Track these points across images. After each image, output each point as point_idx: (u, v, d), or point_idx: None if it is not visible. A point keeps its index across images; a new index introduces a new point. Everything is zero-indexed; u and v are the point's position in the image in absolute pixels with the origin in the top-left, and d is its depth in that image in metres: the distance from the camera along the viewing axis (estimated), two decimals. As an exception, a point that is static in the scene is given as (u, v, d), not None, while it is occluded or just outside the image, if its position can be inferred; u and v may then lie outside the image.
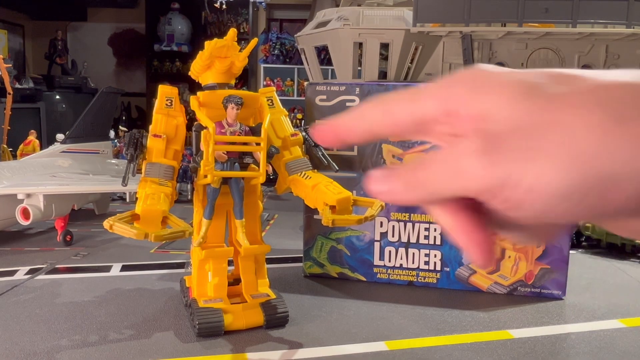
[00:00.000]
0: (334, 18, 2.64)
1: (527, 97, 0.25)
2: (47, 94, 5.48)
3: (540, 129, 0.24)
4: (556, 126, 0.24)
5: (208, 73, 1.48)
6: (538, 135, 0.24)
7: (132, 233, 1.20)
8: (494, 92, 0.26)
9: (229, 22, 6.52)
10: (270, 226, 2.73)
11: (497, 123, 0.25)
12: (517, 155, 0.24)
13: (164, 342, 1.38)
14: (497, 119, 0.25)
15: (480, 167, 0.25)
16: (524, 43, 2.57)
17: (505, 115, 0.25)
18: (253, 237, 1.53)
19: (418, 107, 0.28)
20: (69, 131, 2.89)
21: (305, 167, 1.51)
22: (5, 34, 5.67)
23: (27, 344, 1.35)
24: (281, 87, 5.38)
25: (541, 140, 0.24)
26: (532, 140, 0.24)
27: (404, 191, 0.28)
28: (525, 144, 0.24)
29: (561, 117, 0.24)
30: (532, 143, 0.24)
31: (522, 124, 0.24)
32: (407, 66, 2.62)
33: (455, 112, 0.27)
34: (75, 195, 2.33)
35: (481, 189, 0.25)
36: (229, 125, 1.44)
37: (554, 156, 0.23)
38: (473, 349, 1.39)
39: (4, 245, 2.27)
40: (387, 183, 0.28)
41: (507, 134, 0.24)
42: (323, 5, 3.76)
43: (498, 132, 0.25)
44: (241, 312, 1.45)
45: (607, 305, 1.71)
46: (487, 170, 0.25)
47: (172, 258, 2.13)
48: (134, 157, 1.44)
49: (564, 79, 0.26)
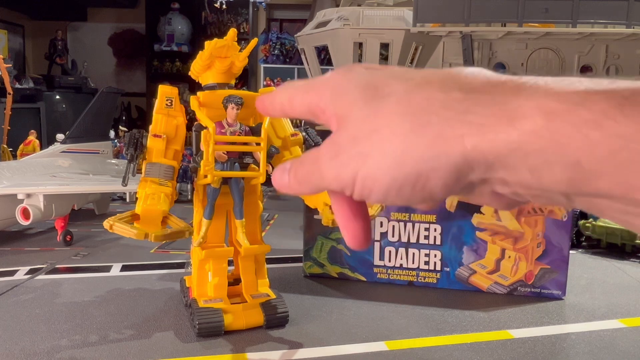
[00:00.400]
0: (334, 18, 2.64)
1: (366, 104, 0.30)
2: (47, 94, 5.48)
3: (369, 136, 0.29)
4: (377, 133, 0.29)
5: (208, 73, 1.48)
6: (367, 142, 0.29)
7: (132, 233, 1.21)
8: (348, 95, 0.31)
9: (229, 22, 6.52)
10: (270, 226, 2.73)
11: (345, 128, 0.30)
12: (355, 160, 0.29)
13: (164, 342, 1.38)
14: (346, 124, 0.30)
15: (332, 169, 0.31)
16: (524, 43, 2.58)
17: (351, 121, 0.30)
18: (253, 237, 1.53)
19: (307, 99, 0.34)
20: (69, 131, 2.89)
21: (305, 167, 1.51)
22: (5, 34, 5.67)
23: (27, 344, 1.35)
24: (281, 87, 5.37)
25: (368, 146, 0.29)
26: (363, 146, 0.29)
27: (297, 186, 0.33)
28: (359, 150, 0.29)
29: (381, 124, 0.29)
30: (364, 149, 0.29)
31: (358, 132, 0.30)
32: (407, 66, 2.62)
33: (323, 110, 0.33)
34: (75, 195, 2.33)
35: (339, 186, 0.31)
36: (229, 125, 1.44)
37: (377, 159, 0.29)
38: (473, 349, 1.39)
39: (4, 245, 2.27)
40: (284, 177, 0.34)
41: (347, 142, 0.30)
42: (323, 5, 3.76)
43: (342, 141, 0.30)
44: (241, 312, 1.45)
45: (607, 305, 1.71)
46: (337, 172, 0.30)
47: (172, 258, 2.13)
48: (134, 157, 1.45)
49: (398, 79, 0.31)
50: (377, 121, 0.29)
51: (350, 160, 0.30)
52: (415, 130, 0.28)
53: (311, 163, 0.32)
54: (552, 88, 0.27)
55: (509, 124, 0.26)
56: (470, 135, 0.27)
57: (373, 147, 0.29)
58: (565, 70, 2.55)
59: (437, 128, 0.27)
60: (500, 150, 0.26)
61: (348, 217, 0.34)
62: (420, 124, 0.28)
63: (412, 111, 0.28)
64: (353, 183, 0.30)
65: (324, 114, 0.33)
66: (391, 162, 0.28)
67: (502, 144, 0.26)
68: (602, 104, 0.25)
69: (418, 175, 0.28)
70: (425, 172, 0.28)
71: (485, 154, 0.27)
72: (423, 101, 0.28)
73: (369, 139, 0.29)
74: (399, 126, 0.28)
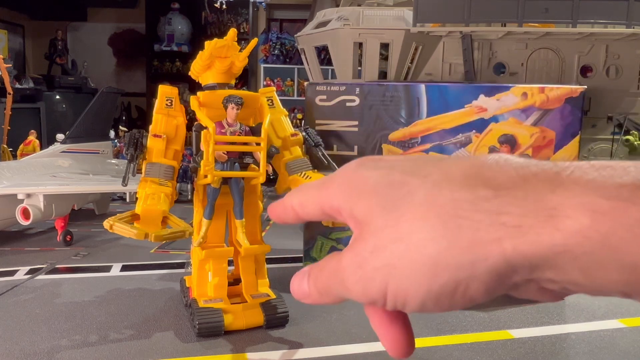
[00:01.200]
0: (334, 18, 2.64)
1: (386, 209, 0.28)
2: (47, 94, 5.48)
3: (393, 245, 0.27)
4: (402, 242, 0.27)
5: (208, 73, 1.48)
6: (393, 252, 0.27)
7: (132, 233, 1.20)
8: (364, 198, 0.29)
9: (229, 22, 6.52)
10: (270, 226, 2.73)
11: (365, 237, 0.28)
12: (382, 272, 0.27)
13: (164, 342, 1.38)
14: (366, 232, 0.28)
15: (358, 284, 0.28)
16: (524, 43, 2.57)
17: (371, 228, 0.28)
18: (253, 237, 1.53)
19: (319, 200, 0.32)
20: (69, 131, 2.89)
21: (305, 167, 1.51)
22: (5, 34, 5.67)
23: (27, 344, 1.35)
24: (281, 87, 5.37)
25: (394, 257, 0.27)
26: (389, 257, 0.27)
27: (319, 296, 0.31)
28: (385, 261, 0.27)
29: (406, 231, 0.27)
30: (390, 260, 0.27)
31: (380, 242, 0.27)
32: (407, 66, 2.62)
33: (338, 210, 0.31)
34: (76, 195, 2.33)
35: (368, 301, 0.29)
36: (229, 125, 1.44)
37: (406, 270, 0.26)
38: (473, 349, 1.39)
39: (4, 245, 2.27)
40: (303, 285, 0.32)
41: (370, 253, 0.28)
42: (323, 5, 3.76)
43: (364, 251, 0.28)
44: (241, 312, 1.45)
45: (607, 305, 1.71)
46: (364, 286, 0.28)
47: (172, 258, 2.13)
48: (134, 157, 1.44)
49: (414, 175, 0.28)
50: (400, 228, 0.27)
51: (376, 274, 0.27)
52: (446, 236, 0.26)
53: (333, 274, 0.30)
54: (593, 180, 0.24)
55: (550, 224, 0.24)
56: (508, 238, 0.25)
57: (400, 257, 0.27)
58: (565, 70, 2.55)
59: (470, 233, 0.25)
60: (545, 253, 0.24)
61: (384, 322, 0.31)
62: (450, 229, 0.26)
63: (438, 215, 0.26)
64: (384, 297, 0.28)
65: (340, 214, 0.31)
66: (424, 273, 0.26)
67: (545, 246, 0.24)
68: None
69: (456, 284, 0.26)
70: (464, 280, 0.26)
71: (528, 257, 0.25)
72: (449, 203, 0.26)
73: (394, 248, 0.27)
74: (426, 233, 0.26)
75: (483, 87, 1.77)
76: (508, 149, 1.76)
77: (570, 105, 1.72)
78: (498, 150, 1.77)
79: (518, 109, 1.74)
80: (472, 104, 1.75)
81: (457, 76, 2.62)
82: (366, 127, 1.82)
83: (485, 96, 1.74)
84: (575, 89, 1.72)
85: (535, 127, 1.74)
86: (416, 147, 1.80)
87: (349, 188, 0.30)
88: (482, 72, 2.60)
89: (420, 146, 1.80)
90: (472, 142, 1.77)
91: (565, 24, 2.47)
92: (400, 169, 0.29)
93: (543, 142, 1.75)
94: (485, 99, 1.74)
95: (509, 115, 1.74)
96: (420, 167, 0.29)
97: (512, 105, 1.73)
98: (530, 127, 1.74)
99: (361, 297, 0.29)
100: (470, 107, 1.75)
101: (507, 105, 1.74)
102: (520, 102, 1.73)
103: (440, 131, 1.78)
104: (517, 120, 1.74)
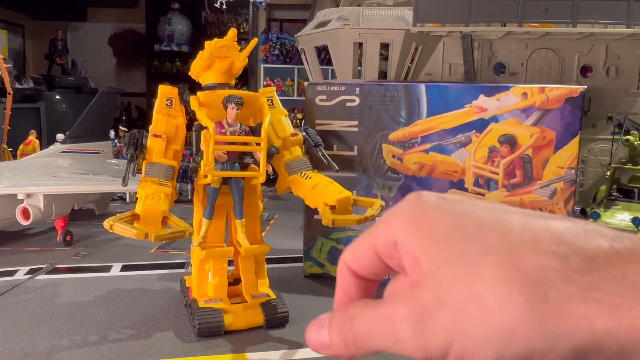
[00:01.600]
0: (334, 18, 2.64)
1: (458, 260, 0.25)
2: (47, 94, 5.47)
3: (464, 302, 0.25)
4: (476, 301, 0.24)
5: (208, 73, 1.48)
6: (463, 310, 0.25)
7: (132, 233, 1.20)
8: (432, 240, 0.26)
9: (229, 22, 6.52)
10: (270, 226, 2.73)
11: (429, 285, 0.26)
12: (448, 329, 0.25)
13: (164, 342, 1.38)
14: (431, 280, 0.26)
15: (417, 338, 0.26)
16: (524, 43, 2.57)
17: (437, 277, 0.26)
18: (253, 237, 1.53)
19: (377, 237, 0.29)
20: (69, 131, 2.89)
21: (305, 167, 1.51)
22: (5, 34, 5.67)
23: (27, 344, 1.35)
24: (281, 87, 5.37)
25: (465, 316, 0.25)
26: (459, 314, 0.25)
27: (344, 349, 0.28)
28: (452, 317, 0.25)
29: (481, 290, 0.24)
30: (460, 317, 0.25)
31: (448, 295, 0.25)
32: (407, 66, 2.62)
33: (395, 244, 0.28)
34: (76, 195, 2.33)
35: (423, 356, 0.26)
36: (229, 125, 1.44)
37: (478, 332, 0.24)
38: (473, 349, 1.39)
39: (4, 245, 2.27)
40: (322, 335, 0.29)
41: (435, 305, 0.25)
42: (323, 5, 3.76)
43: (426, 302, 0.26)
44: (241, 312, 1.45)
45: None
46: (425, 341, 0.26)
47: (172, 258, 2.13)
48: (134, 157, 1.44)
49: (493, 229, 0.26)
50: (476, 287, 0.25)
51: (442, 330, 0.25)
52: (530, 303, 0.24)
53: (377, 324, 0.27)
54: None
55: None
56: (601, 317, 0.23)
57: (473, 317, 0.24)
58: (565, 70, 2.55)
59: (557, 305, 0.23)
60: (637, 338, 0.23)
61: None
62: (535, 297, 0.24)
63: (522, 280, 0.24)
64: (444, 356, 0.25)
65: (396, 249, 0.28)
66: (498, 339, 0.24)
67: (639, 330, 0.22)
68: None
69: (531, 354, 0.24)
70: (541, 352, 0.24)
71: (620, 340, 0.23)
72: (536, 270, 0.24)
73: (467, 307, 0.25)
74: (506, 296, 0.24)
75: (483, 87, 1.77)
76: (508, 149, 1.76)
77: (570, 105, 1.72)
78: (498, 151, 1.77)
79: (518, 109, 1.74)
80: (472, 104, 1.75)
81: (457, 76, 2.62)
82: (366, 127, 1.82)
83: (485, 96, 1.74)
84: (575, 89, 1.72)
85: (535, 127, 1.74)
86: (416, 147, 1.80)
87: (416, 228, 0.27)
88: (482, 72, 2.60)
89: (420, 146, 1.80)
90: (472, 142, 1.77)
91: (565, 24, 2.47)
92: (475, 217, 0.27)
93: (543, 142, 1.75)
94: (485, 99, 1.74)
95: (509, 115, 1.74)
96: (498, 219, 0.26)
97: (512, 105, 1.73)
98: (530, 127, 1.74)
99: (417, 352, 0.26)
100: (470, 107, 1.75)
101: (507, 105, 1.74)
102: (520, 102, 1.73)
103: (440, 131, 1.78)
104: (517, 120, 1.74)
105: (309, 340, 0.30)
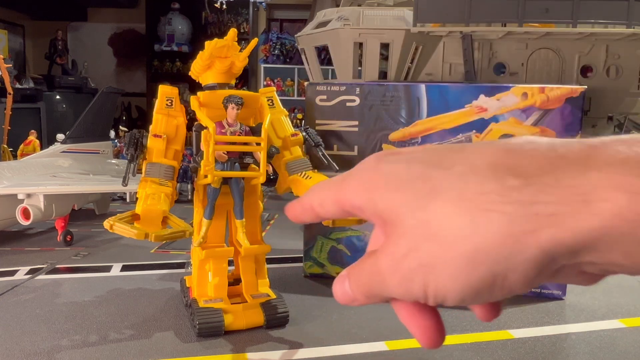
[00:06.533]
0: (334, 18, 2.64)
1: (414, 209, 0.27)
2: (48, 94, 5.47)
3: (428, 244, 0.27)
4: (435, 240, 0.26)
5: (208, 73, 1.48)
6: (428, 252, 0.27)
7: (132, 233, 1.20)
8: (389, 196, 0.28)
9: (229, 22, 6.52)
10: (270, 226, 2.73)
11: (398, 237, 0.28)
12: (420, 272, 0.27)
13: (164, 342, 1.38)
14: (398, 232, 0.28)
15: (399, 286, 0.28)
16: (524, 43, 2.57)
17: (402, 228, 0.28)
18: (253, 237, 1.53)
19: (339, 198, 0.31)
20: (69, 131, 2.89)
21: (305, 167, 1.51)
22: (5, 34, 5.67)
23: (27, 344, 1.35)
24: (281, 87, 5.37)
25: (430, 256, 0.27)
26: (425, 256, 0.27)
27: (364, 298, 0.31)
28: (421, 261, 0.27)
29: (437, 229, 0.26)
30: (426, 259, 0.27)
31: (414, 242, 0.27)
32: (407, 66, 2.62)
33: (360, 208, 0.30)
34: (76, 195, 2.33)
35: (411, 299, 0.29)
36: (229, 125, 1.44)
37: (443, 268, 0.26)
38: (473, 349, 1.39)
39: (4, 245, 2.27)
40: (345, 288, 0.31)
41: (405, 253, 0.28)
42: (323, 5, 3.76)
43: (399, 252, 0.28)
44: (241, 312, 1.45)
45: (607, 305, 1.70)
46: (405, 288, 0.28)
47: (172, 258, 2.13)
48: (134, 157, 1.44)
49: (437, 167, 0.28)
50: (431, 227, 0.27)
51: (414, 275, 0.28)
52: (478, 232, 0.25)
53: (372, 276, 0.30)
54: (626, 159, 0.24)
55: (586, 210, 0.24)
56: (543, 228, 0.24)
57: (435, 256, 0.27)
58: (565, 70, 2.55)
59: (502, 226, 0.25)
60: (583, 239, 0.24)
61: (413, 314, 0.31)
62: (481, 224, 0.25)
63: (468, 210, 0.26)
64: (425, 296, 0.28)
65: (362, 212, 0.31)
66: (460, 270, 0.26)
67: (583, 232, 0.24)
68: None
69: (494, 277, 0.26)
70: (502, 273, 0.26)
71: (566, 245, 0.24)
72: (477, 197, 0.26)
73: (428, 248, 0.27)
74: (457, 230, 0.26)
75: (483, 87, 1.77)
76: (508, 149, 1.76)
77: (571, 105, 1.72)
78: (498, 150, 1.77)
79: (518, 109, 1.74)
80: (472, 104, 1.75)
81: (457, 76, 2.62)
82: (366, 127, 1.82)
83: (486, 96, 1.74)
84: (575, 89, 1.72)
85: (535, 127, 1.74)
86: (416, 147, 1.80)
87: (370, 185, 0.30)
88: (482, 72, 2.60)
89: (420, 146, 1.79)
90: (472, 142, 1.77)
91: (566, 24, 2.47)
92: (422, 161, 0.29)
93: (543, 142, 1.74)
94: (486, 99, 1.74)
95: (509, 115, 1.74)
96: (442, 157, 0.28)
97: (512, 105, 1.73)
98: (530, 127, 1.74)
99: (405, 297, 0.29)
100: (471, 107, 1.76)
101: (507, 105, 1.74)
102: (520, 102, 1.73)
103: (441, 131, 1.78)
104: (518, 120, 1.74)
105: (337, 297, 0.32)
